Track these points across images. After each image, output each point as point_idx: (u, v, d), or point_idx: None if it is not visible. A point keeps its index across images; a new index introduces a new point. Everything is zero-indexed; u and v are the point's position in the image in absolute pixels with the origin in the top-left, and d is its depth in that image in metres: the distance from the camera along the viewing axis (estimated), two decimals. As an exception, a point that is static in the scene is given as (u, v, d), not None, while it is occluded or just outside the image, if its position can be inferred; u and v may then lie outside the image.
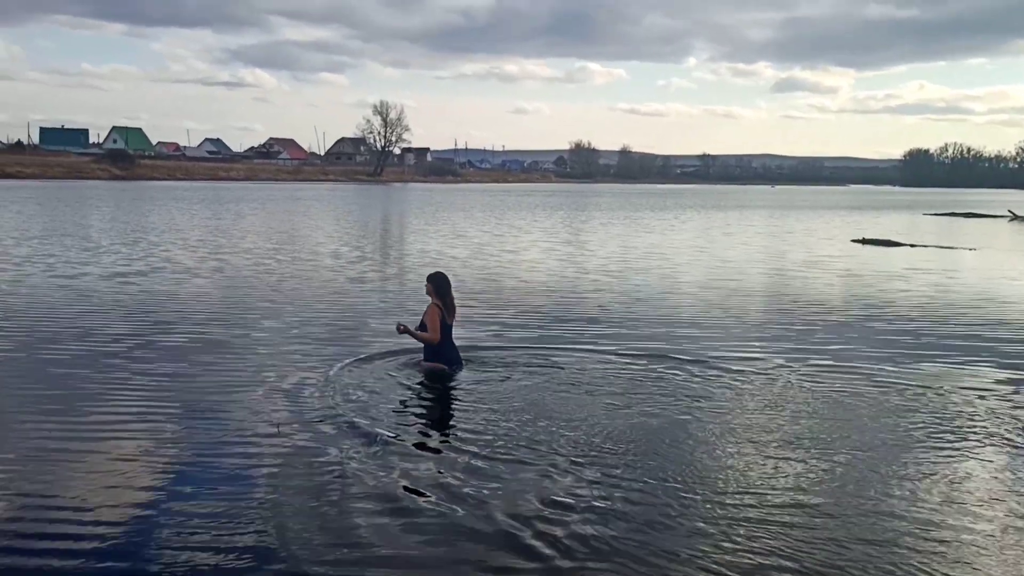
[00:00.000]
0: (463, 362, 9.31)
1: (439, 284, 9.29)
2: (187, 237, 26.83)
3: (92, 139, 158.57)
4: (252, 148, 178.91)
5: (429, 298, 9.30)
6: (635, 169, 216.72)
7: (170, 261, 19.83)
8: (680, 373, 9.49)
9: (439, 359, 9.14)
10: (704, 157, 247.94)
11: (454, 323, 9.36)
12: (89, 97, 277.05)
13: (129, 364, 9.42)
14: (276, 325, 11.89)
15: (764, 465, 6.54)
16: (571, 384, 8.94)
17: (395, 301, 14.44)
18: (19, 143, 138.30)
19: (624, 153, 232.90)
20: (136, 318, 12.29)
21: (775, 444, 7.05)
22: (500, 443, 6.90)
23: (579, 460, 6.55)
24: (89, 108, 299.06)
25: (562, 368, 9.59)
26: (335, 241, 27.37)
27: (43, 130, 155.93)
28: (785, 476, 6.31)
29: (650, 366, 9.77)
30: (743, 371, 9.59)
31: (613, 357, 10.18)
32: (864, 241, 31.02)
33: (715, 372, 9.53)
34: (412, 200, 68.56)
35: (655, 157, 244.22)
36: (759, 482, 6.18)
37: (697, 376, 9.34)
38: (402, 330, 9.09)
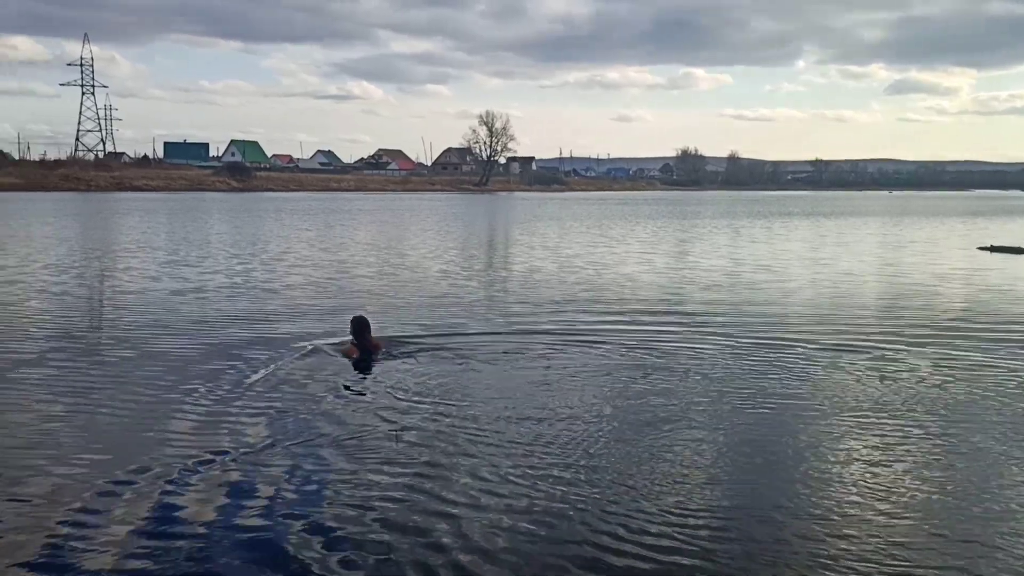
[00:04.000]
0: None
1: (355, 327, 10.80)
2: (327, 246, 27.70)
3: (212, 152, 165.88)
4: (362, 159, 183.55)
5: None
6: (744, 176, 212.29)
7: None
8: (803, 416, 8.81)
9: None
10: (816, 162, 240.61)
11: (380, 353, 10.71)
12: (207, 112, 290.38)
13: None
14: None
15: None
16: (668, 420, 8.18)
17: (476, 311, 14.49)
18: (145, 157, 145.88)
19: (732, 159, 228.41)
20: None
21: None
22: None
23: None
24: (207, 123, 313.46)
25: (648, 405, 9.35)
26: (437, 255, 27.67)
27: (167, 144, 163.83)
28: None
29: (756, 410, 8.60)
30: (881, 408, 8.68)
31: (710, 394, 9.15)
32: (992, 249, 29.36)
33: (848, 418, 8.28)
34: (515, 209, 68.95)
35: (764, 163, 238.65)
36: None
37: (826, 424, 8.10)
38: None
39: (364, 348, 10.68)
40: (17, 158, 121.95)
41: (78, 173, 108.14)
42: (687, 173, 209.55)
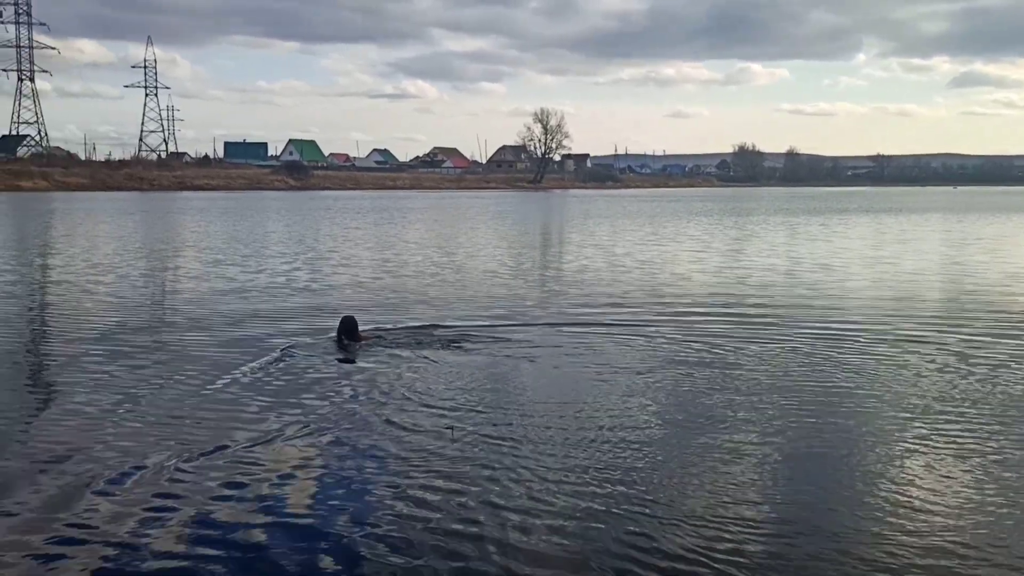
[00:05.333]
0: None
1: (344, 326, 11.49)
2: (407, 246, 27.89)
3: (271, 151, 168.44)
4: (417, 157, 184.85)
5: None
6: (803, 172, 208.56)
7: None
8: (864, 416, 8.64)
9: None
10: (878, 158, 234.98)
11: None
12: (265, 112, 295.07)
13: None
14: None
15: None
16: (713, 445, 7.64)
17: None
18: (206, 157, 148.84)
19: (791, 155, 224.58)
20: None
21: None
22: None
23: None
24: (266, 122, 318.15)
25: (700, 402, 9.11)
26: (483, 254, 27.60)
27: (227, 144, 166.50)
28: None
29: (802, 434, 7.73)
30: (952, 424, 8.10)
31: (756, 404, 8.56)
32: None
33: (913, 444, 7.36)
34: (567, 207, 68.72)
35: (824, 159, 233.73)
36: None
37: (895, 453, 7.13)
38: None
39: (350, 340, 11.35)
40: (84, 158, 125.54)
41: (141, 173, 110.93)
42: (744, 169, 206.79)
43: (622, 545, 5.29)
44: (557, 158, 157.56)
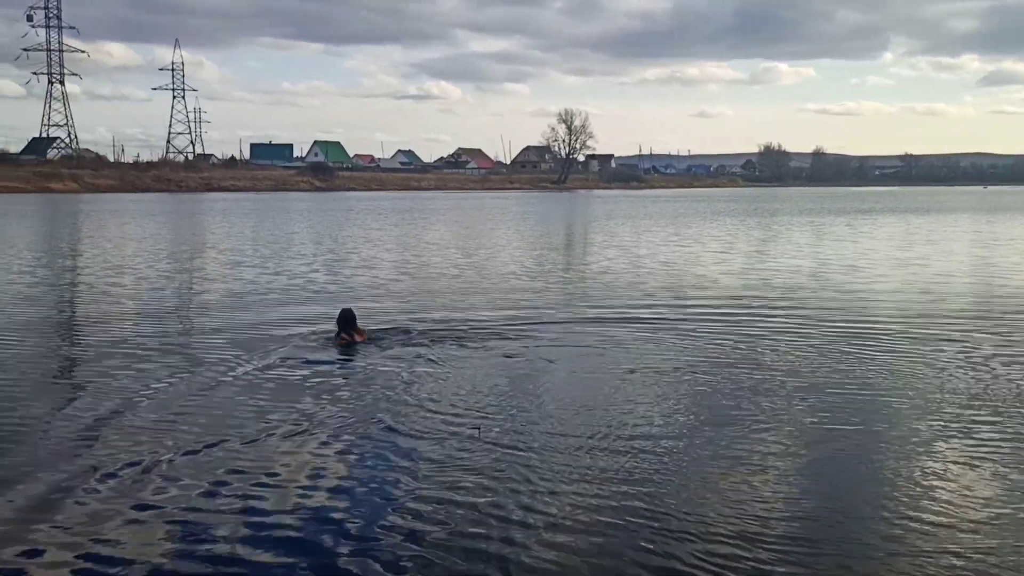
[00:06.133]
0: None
1: (342, 318, 11.60)
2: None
3: (296, 152, 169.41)
4: (441, 158, 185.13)
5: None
6: (829, 172, 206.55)
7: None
8: (892, 419, 8.42)
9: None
10: (906, 157, 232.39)
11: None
12: (290, 113, 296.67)
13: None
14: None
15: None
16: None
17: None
18: (232, 158, 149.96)
19: (817, 155, 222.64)
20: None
21: None
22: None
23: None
24: (291, 124, 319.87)
25: (723, 403, 8.94)
26: (502, 256, 27.52)
27: (253, 146, 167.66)
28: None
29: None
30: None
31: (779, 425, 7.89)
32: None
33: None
34: (591, 207, 68.49)
35: (851, 159, 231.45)
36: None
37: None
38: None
39: (350, 338, 11.39)
40: (113, 160, 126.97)
41: (169, 174, 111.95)
42: (770, 169, 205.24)
43: (642, 552, 5.19)
44: (581, 159, 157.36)
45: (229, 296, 16.32)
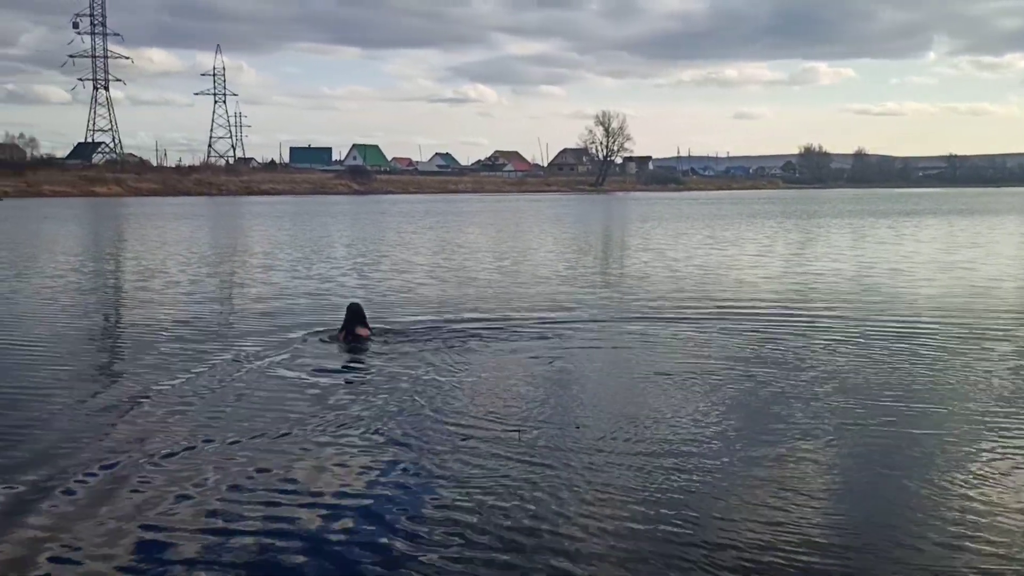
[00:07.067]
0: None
1: (350, 313, 11.68)
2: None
3: (335, 156, 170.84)
4: (478, 161, 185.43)
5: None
6: (871, 173, 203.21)
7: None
8: (935, 425, 8.17)
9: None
10: (950, 158, 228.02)
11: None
12: (329, 117, 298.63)
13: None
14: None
15: None
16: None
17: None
18: (272, 162, 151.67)
19: (858, 156, 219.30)
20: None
21: None
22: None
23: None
24: (330, 127, 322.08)
25: (764, 408, 8.70)
26: (532, 259, 27.36)
27: (292, 149, 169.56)
28: None
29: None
30: None
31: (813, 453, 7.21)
32: None
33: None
34: (627, 209, 68.08)
35: (893, 160, 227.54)
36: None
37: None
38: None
39: (356, 335, 11.51)
40: (156, 164, 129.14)
41: (210, 178, 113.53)
42: (810, 171, 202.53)
43: (679, 560, 5.06)
44: (619, 161, 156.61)
45: (258, 300, 16.37)
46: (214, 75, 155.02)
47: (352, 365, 10.43)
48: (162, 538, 5.37)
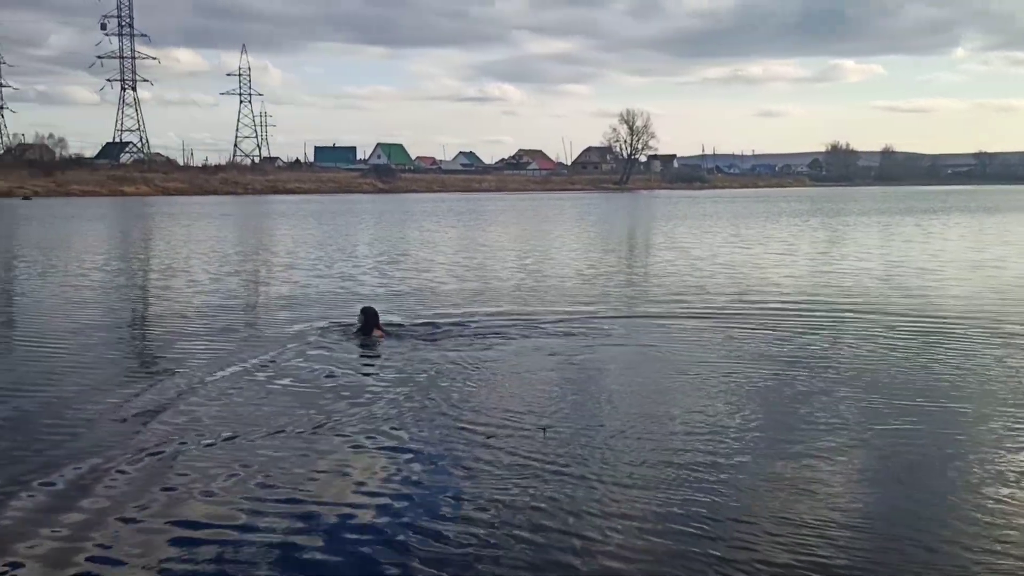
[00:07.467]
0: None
1: (367, 317, 11.87)
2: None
3: (359, 155, 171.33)
4: (502, 160, 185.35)
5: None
6: (899, 171, 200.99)
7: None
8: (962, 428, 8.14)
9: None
10: (980, 155, 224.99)
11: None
12: (353, 117, 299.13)
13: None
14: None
15: None
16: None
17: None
18: (297, 161, 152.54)
19: (886, 154, 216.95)
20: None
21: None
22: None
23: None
24: (354, 127, 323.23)
25: (788, 408, 8.64)
26: (553, 259, 27.31)
27: (317, 149, 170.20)
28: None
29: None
30: None
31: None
32: None
33: None
34: (652, 207, 67.85)
35: (921, 157, 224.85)
36: None
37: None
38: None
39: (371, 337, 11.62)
40: (182, 164, 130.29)
41: (236, 177, 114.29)
42: (837, 168, 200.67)
43: (699, 560, 5.06)
44: (643, 159, 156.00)
45: (281, 297, 16.47)
46: (239, 75, 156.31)
47: (374, 363, 10.50)
48: (189, 534, 5.42)
